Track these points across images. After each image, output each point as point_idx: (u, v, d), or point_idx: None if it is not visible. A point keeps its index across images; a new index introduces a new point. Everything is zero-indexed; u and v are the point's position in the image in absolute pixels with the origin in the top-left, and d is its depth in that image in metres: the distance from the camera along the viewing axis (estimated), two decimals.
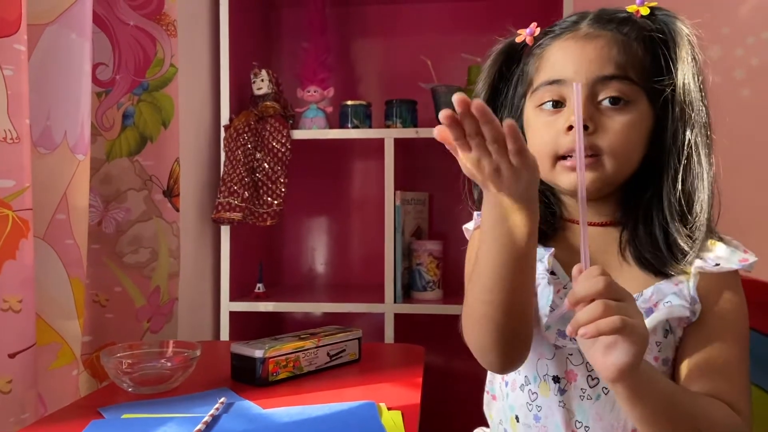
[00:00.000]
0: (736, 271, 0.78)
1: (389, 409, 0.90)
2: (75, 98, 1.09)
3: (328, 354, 1.11)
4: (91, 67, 1.14)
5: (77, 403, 0.98)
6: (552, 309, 0.78)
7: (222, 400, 0.92)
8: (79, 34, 1.09)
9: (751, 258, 0.78)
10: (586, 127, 0.75)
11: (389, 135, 1.65)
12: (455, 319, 1.00)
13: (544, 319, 0.79)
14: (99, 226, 1.31)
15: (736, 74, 1.87)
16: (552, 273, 0.81)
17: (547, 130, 0.79)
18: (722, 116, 0.78)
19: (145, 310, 1.36)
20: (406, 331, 1.68)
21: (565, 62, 0.79)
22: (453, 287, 1.74)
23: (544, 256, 0.80)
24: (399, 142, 1.66)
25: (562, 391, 0.80)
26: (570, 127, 0.76)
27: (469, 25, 1.94)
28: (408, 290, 1.74)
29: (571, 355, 0.79)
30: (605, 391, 0.78)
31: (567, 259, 0.82)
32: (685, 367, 0.76)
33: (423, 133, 1.65)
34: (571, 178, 0.78)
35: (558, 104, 0.79)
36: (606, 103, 0.76)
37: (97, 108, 1.29)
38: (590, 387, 0.78)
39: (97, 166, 1.30)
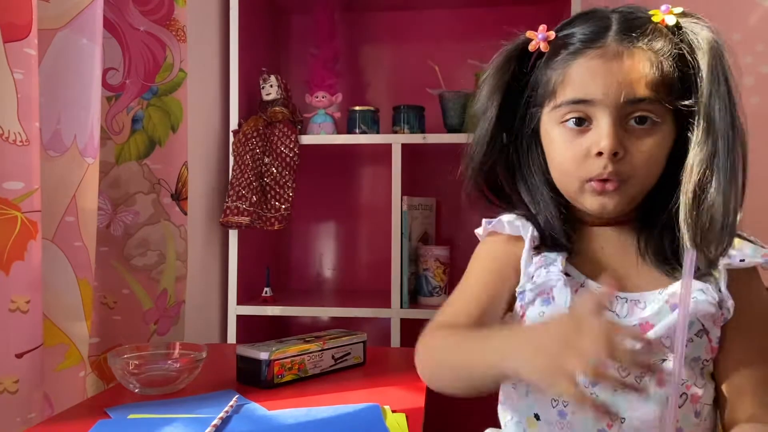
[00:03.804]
0: (756, 268, 0.78)
1: (394, 411, 0.90)
2: (85, 102, 1.10)
3: (333, 357, 1.12)
4: (101, 71, 1.15)
5: (84, 403, 0.98)
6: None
7: (235, 398, 0.92)
8: (90, 39, 1.10)
9: None
10: (616, 154, 0.74)
11: (397, 140, 1.65)
12: None
13: None
14: (107, 228, 1.32)
15: (746, 82, 1.86)
16: (566, 274, 0.81)
17: (571, 148, 0.77)
18: None
19: (153, 312, 1.37)
20: (413, 337, 1.65)
21: (594, 82, 0.75)
22: None
23: (557, 260, 0.80)
24: (406, 148, 1.67)
25: (593, 384, 0.75)
26: (599, 153, 0.74)
27: (476, 31, 1.94)
28: (415, 295, 1.74)
29: None
30: (638, 380, 0.74)
31: (580, 261, 0.82)
32: (732, 379, 0.76)
33: (430, 138, 1.65)
34: (597, 202, 0.77)
35: (582, 122, 0.77)
36: (633, 122, 0.75)
37: (107, 112, 1.30)
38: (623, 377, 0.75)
39: (106, 169, 1.31)
